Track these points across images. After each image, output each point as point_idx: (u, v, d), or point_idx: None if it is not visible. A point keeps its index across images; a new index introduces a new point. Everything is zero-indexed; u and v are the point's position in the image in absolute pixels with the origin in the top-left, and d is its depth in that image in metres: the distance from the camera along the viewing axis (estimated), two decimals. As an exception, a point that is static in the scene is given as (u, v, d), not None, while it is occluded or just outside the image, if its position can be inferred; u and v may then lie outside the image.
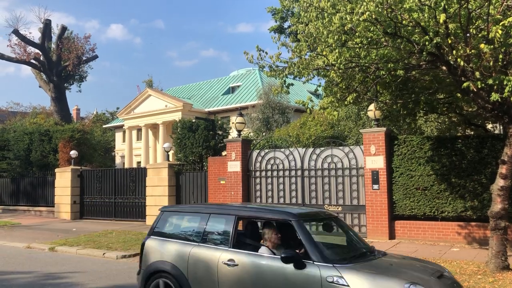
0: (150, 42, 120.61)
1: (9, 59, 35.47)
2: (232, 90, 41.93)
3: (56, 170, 20.71)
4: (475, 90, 7.62)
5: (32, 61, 35.88)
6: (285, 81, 9.44)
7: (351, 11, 7.49)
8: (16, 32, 34.42)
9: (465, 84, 7.51)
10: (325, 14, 8.01)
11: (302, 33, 8.90)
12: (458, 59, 7.25)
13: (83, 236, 13.96)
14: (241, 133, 15.47)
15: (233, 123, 16.20)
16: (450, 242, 11.33)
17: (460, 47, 7.23)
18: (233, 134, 18.94)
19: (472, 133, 12.70)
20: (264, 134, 24.97)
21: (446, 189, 11.43)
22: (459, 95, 9.47)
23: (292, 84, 9.84)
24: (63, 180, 19.97)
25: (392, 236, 12.04)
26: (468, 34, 7.35)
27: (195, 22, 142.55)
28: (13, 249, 12.66)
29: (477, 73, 7.30)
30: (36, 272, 9.44)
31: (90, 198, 19.57)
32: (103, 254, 11.25)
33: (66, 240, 13.34)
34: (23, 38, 34.71)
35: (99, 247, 12.02)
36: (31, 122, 37.01)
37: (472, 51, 7.26)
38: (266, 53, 9.06)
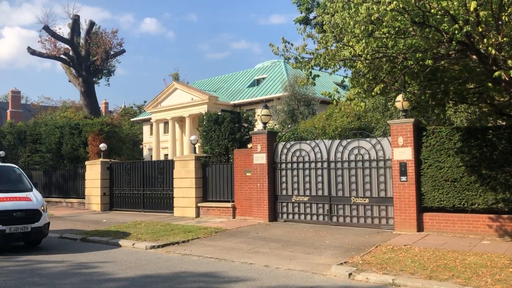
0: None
1: (40, 54, 36.37)
2: (257, 82, 41.95)
3: (86, 162, 21.20)
4: (507, 79, 7.43)
5: (62, 56, 36.68)
6: (311, 72, 9.39)
7: (378, 1, 7.39)
8: (46, 28, 35.22)
9: (496, 73, 7.33)
10: (352, 4, 7.92)
11: (328, 23, 8.83)
12: (489, 48, 7.07)
13: (113, 227, 14.28)
14: (267, 125, 15.48)
15: (258, 115, 16.22)
16: (481, 234, 11.12)
17: (491, 35, 7.06)
18: (259, 126, 18.97)
19: (504, 123, 12.37)
20: (289, 126, 24.92)
21: (476, 180, 11.20)
22: (490, 84, 9.25)
23: (318, 76, 9.77)
24: (93, 173, 20.45)
25: (420, 228, 11.89)
26: (500, 22, 7.16)
27: (227, 14, 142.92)
28: (46, 239, 13.04)
29: (509, 62, 7.10)
30: (68, 262, 9.74)
31: (119, 190, 19.97)
32: (133, 244, 11.49)
33: (97, 231, 13.69)
34: (53, 34, 35.50)
35: (129, 237, 12.29)
36: (61, 116, 38.02)
37: (504, 39, 7.07)
38: (292, 44, 9.03)
